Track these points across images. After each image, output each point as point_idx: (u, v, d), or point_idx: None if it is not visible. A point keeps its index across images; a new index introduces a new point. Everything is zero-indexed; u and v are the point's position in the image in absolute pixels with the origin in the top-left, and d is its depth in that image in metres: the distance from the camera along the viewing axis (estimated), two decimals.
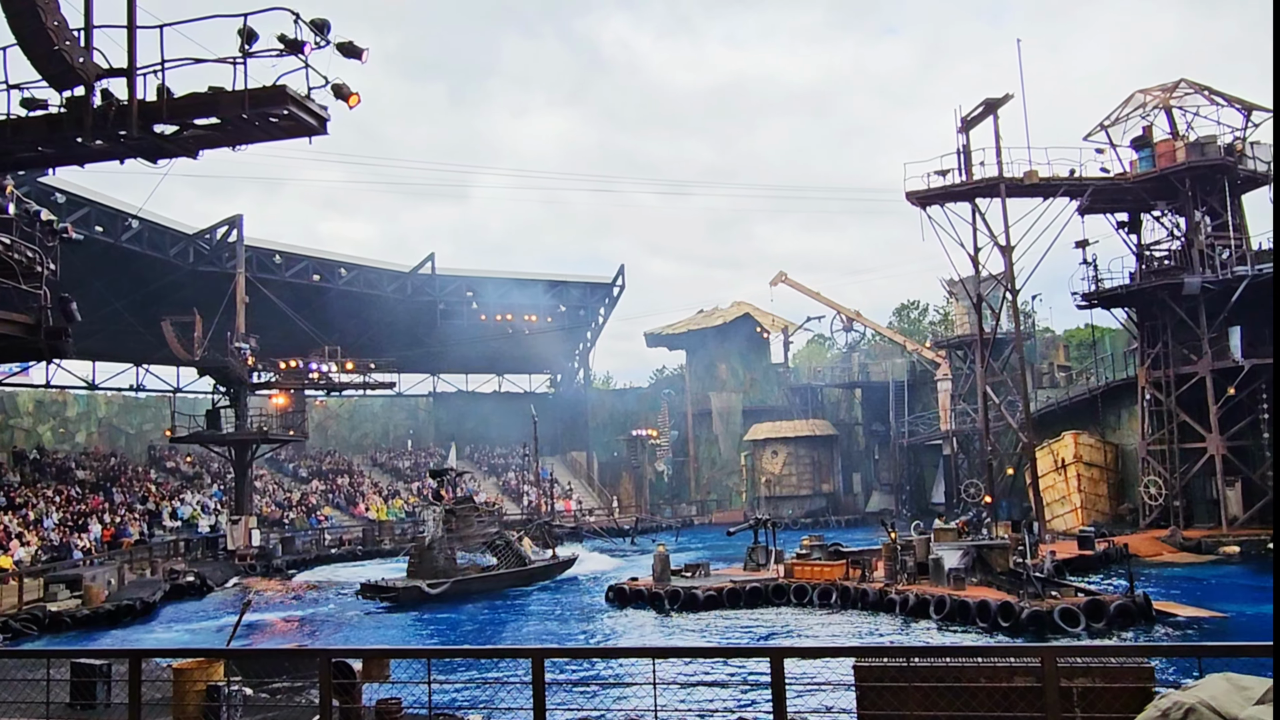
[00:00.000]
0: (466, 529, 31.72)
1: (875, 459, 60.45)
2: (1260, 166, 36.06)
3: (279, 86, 10.46)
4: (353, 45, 10.71)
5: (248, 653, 15.77)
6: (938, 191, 35.79)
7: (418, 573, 29.40)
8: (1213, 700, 1.08)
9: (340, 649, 11.31)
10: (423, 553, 29.89)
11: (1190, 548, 32.13)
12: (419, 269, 56.15)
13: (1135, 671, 7.69)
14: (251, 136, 11.30)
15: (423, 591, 28.21)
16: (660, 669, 9.10)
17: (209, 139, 11.46)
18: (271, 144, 11.60)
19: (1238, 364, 33.75)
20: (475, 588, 29.82)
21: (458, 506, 32.79)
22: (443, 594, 28.53)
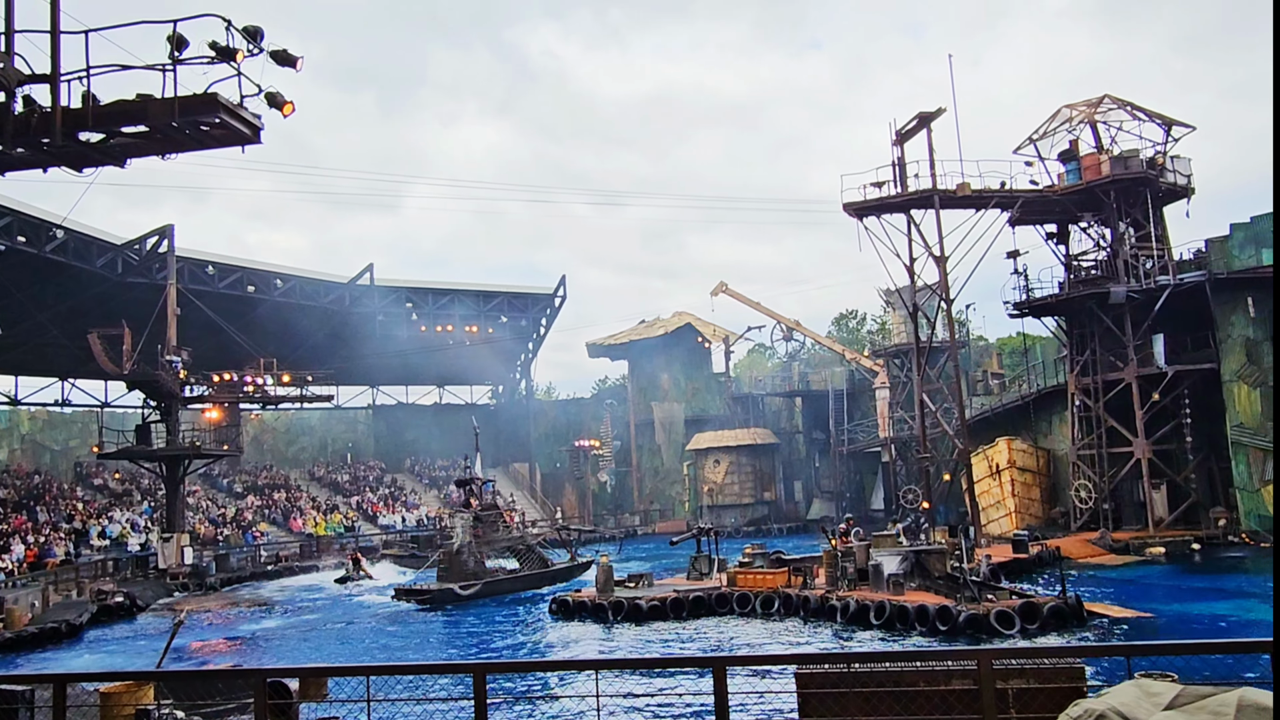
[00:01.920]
0: (493, 534, 34.09)
1: (816, 467, 61.09)
2: (1180, 180, 37.41)
3: (211, 94, 10.24)
4: (287, 53, 10.54)
5: (179, 674, 15.32)
6: (874, 203, 36.41)
7: (448, 576, 31.21)
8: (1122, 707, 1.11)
9: (276, 668, 11.04)
10: (452, 557, 31.81)
11: (1119, 549, 33.05)
12: (357, 280, 55.37)
13: (1067, 672, 7.88)
14: (182, 145, 11.04)
15: (455, 593, 30.18)
16: (603, 681, 9.09)
17: (137, 147, 11.16)
18: (197, 153, 11.33)
19: (1161, 370, 34.89)
20: (504, 588, 31.75)
21: (484, 513, 34.70)
22: (474, 594, 30.53)
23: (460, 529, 32.35)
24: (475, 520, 33.50)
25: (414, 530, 51.59)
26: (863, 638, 20.93)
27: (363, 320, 55.37)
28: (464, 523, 32.55)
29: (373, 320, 55.75)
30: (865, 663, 9.02)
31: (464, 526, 32.33)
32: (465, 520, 32.76)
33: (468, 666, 9.48)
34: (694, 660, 9.14)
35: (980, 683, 7.67)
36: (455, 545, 32.11)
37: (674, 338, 64.15)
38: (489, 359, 63.10)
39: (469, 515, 33.32)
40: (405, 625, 27.27)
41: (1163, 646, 7.06)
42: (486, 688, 8.47)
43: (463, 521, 32.61)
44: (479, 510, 34.70)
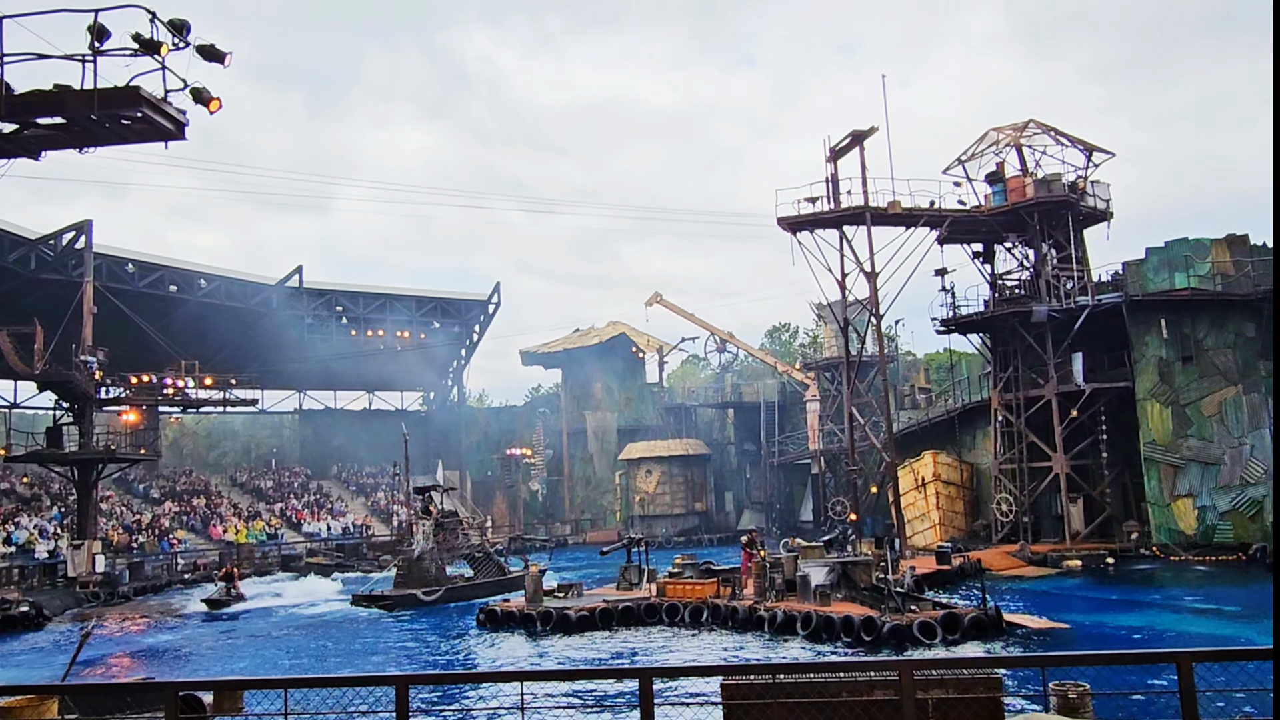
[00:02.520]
0: (453, 541, 34.55)
1: (747, 478, 61.60)
2: (1099, 204, 38.73)
3: (133, 87, 9.92)
4: (214, 48, 10.28)
5: (86, 687, 14.73)
6: (807, 218, 36.93)
7: (407, 582, 31.70)
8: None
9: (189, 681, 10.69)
10: (411, 564, 32.31)
11: (1037, 561, 33.94)
12: (285, 282, 54.23)
13: (985, 682, 8.04)
14: (101, 139, 10.67)
15: (418, 599, 30.82)
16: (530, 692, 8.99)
17: (53, 140, 10.76)
18: (117, 148, 10.98)
19: (1080, 388, 36.00)
20: (465, 595, 31.98)
21: (445, 520, 35.06)
22: (437, 600, 31.02)
23: (422, 536, 32.89)
24: (437, 527, 34.00)
25: (339, 539, 50.56)
26: (790, 648, 21.10)
27: (290, 323, 54.19)
28: (426, 529, 33.13)
29: (301, 323, 54.64)
30: (789, 673, 9.08)
31: (425, 533, 32.93)
32: (427, 527, 33.29)
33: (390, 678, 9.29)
34: (620, 671, 9.11)
35: (902, 693, 7.78)
36: (416, 552, 32.67)
37: (608, 347, 64.16)
38: (420, 365, 62.32)
39: (431, 522, 33.77)
40: (328, 636, 26.67)
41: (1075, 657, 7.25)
42: (409, 700, 8.31)
43: (424, 528, 33.09)
44: (440, 517, 35.10)
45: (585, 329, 67.76)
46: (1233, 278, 34.41)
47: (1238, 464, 32.94)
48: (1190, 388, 34.01)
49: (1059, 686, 8.08)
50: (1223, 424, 33.39)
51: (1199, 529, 33.35)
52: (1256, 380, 33.10)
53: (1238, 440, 33.07)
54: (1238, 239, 35.10)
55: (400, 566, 33.08)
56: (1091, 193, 38.59)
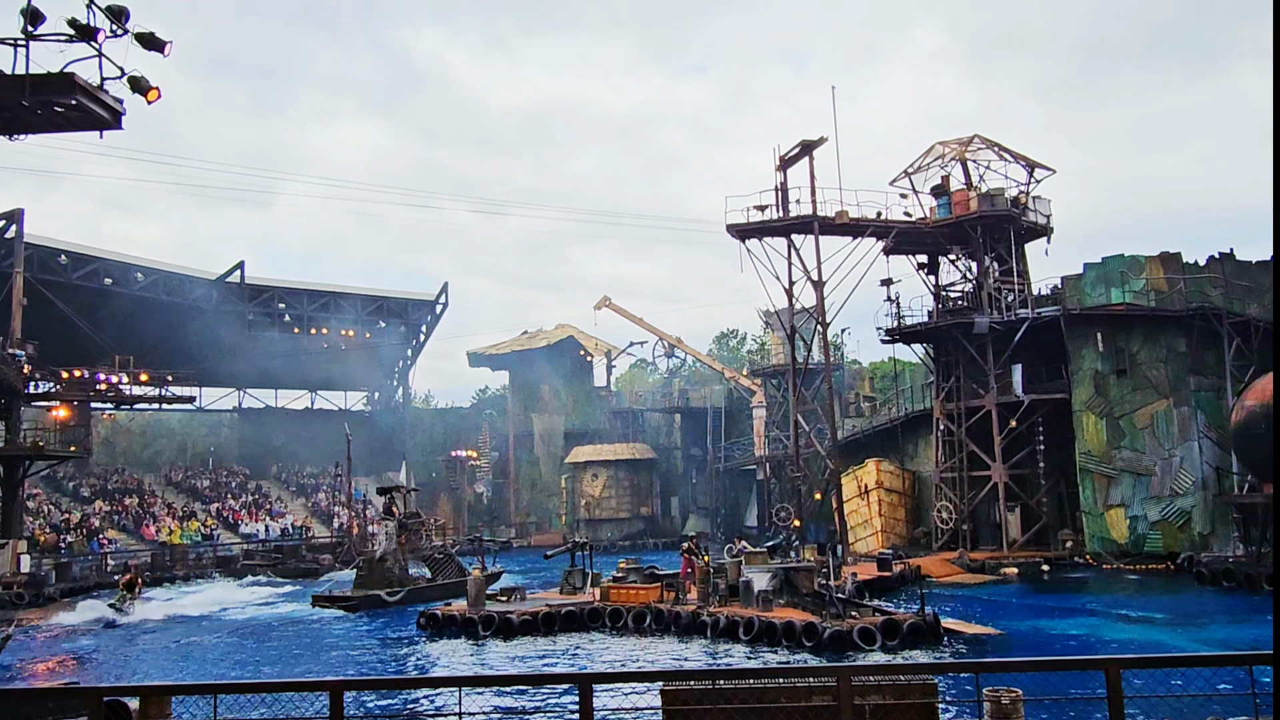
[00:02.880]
0: (416, 542, 34.62)
1: (693, 483, 61.80)
2: (1040, 219, 39.63)
3: (67, 74, 9.63)
4: (154, 36, 10.02)
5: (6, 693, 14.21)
6: (756, 226, 37.23)
7: (367, 583, 31.55)
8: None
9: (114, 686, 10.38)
10: (373, 564, 32.12)
11: (975, 569, 34.54)
12: (226, 277, 53.10)
13: (921, 688, 8.14)
14: (33, 126, 10.34)
15: (382, 599, 30.74)
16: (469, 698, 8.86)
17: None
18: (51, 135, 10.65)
19: (1019, 399, 36.74)
20: (427, 595, 31.42)
21: (408, 521, 34.98)
22: (400, 601, 30.80)
23: (385, 537, 32.97)
24: (401, 528, 33.93)
25: (278, 540, 49.60)
26: (732, 653, 21.18)
27: (231, 320, 53.06)
28: (389, 530, 33.20)
29: (242, 320, 53.52)
30: (729, 679, 9.11)
31: (389, 534, 33.03)
32: (390, 528, 33.32)
33: (324, 684, 9.10)
34: (560, 677, 9.04)
35: (840, 698, 7.84)
36: (379, 553, 32.70)
37: (556, 350, 63.94)
38: (365, 365, 61.46)
39: (394, 523, 33.75)
40: (263, 640, 26.12)
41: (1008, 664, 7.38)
42: (344, 706, 8.15)
43: (388, 529, 33.16)
44: (404, 518, 35.05)
45: (533, 331, 67.47)
46: (1165, 294, 35.42)
47: (1168, 475, 33.89)
48: (1124, 400, 34.91)
49: (993, 692, 8.21)
50: (1154, 436, 34.33)
51: (1130, 538, 34.23)
52: (1186, 394, 34.09)
53: (1168, 452, 34.02)
54: (1171, 257, 36.15)
55: (361, 567, 32.93)
56: (1033, 208, 39.47)
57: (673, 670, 14.51)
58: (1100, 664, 7.25)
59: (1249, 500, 31.01)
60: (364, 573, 32.44)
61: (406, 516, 35.76)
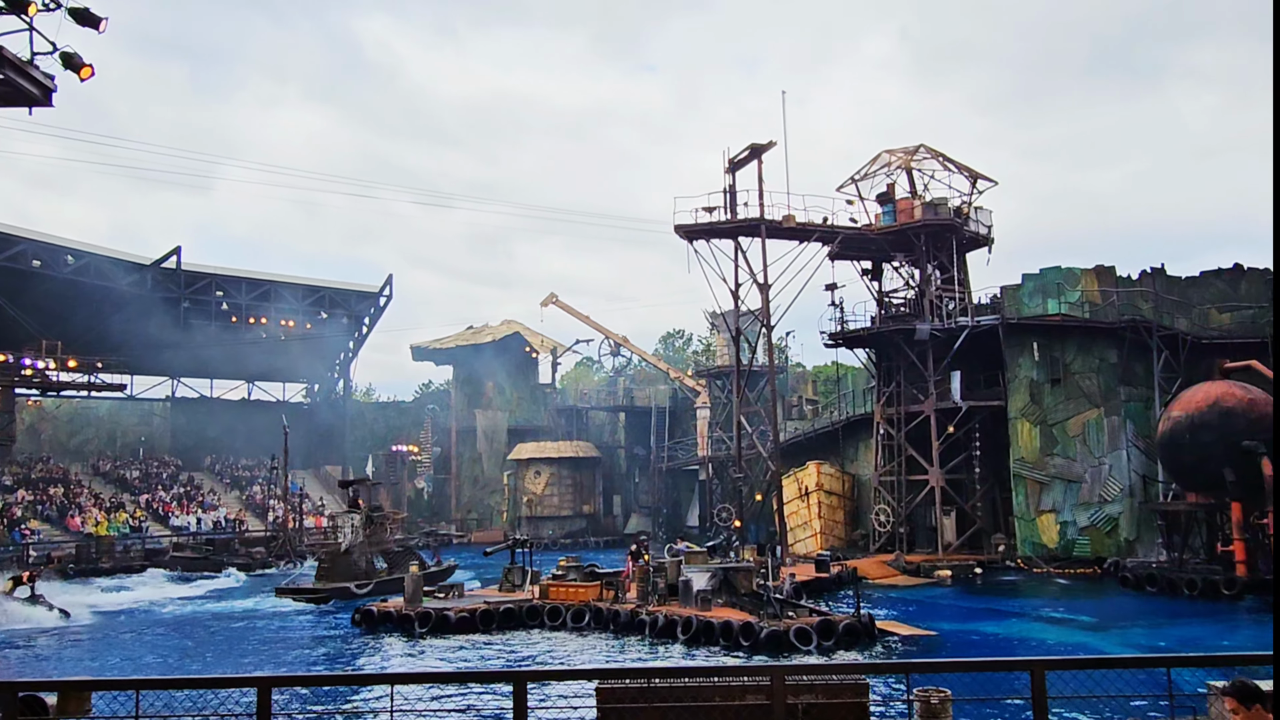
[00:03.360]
0: (380, 535, 34.64)
1: (636, 482, 61.86)
2: (981, 230, 40.43)
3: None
4: (89, 12, 9.72)
5: None
6: (704, 227, 37.38)
7: (331, 575, 31.40)
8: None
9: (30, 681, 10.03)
10: (336, 557, 31.99)
11: (911, 571, 35.12)
12: (162, 262, 51.74)
13: (853, 688, 8.23)
14: None
15: (351, 591, 30.61)
16: (401, 695, 8.75)
17: None
18: None
19: (957, 405, 37.44)
20: (392, 588, 30.96)
21: (374, 514, 35.05)
22: (368, 593, 30.50)
23: (350, 530, 33.04)
24: (368, 521, 34.08)
25: (210, 533, 48.49)
26: (670, 652, 21.24)
27: (166, 307, 51.74)
28: (355, 523, 33.31)
29: (177, 308, 52.21)
30: (665, 678, 9.11)
31: (354, 527, 33.15)
32: (356, 521, 33.44)
33: (252, 680, 8.91)
34: (494, 674, 8.96)
35: (773, 697, 7.90)
36: (344, 545, 32.77)
37: (502, 346, 63.54)
38: (305, 356, 60.39)
39: (360, 516, 33.84)
40: (190, 635, 25.52)
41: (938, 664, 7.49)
42: (272, 702, 7.97)
43: (353, 522, 33.27)
44: (370, 512, 35.24)
45: (479, 326, 66.93)
46: (1099, 306, 36.38)
47: (1097, 482, 34.81)
48: (1057, 408, 35.78)
49: (923, 692, 8.34)
50: (1085, 444, 35.24)
51: (1060, 543, 35.09)
52: (1117, 404, 35.05)
53: (1098, 460, 34.95)
54: (1105, 270, 37.15)
55: (323, 560, 32.87)
56: (975, 218, 40.25)
57: (608, 668, 14.48)
58: (1026, 665, 7.40)
59: (1173, 508, 32.01)
60: (327, 565, 32.32)
61: (372, 510, 35.84)
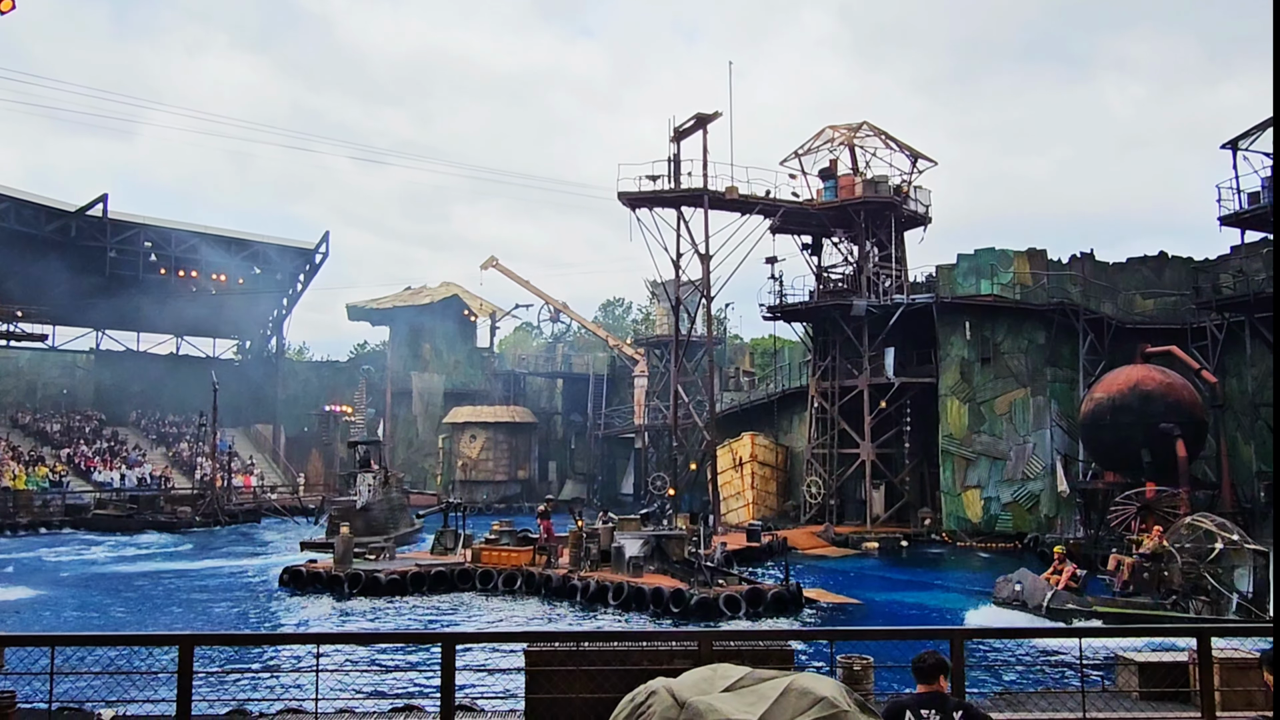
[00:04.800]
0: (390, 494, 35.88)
1: (572, 448, 61.93)
2: (920, 209, 41.01)
3: None
4: None
5: None
6: (647, 195, 37.30)
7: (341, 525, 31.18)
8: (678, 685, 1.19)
9: None
10: (353, 513, 32.46)
11: (840, 542, 35.85)
12: (87, 210, 49.82)
13: (779, 654, 8.39)
14: None
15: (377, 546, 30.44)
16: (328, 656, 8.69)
17: None
18: None
19: (890, 381, 38.13)
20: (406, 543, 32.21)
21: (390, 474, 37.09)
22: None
23: (367, 488, 33.99)
24: (385, 481, 35.42)
25: (134, 490, 47.32)
26: (601, 617, 21.41)
27: (91, 256, 49.93)
28: (372, 482, 34.32)
29: (102, 257, 50.40)
30: (594, 642, 9.18)
31: (370, 485, 34.15)
32: (373, 480, 34.46)
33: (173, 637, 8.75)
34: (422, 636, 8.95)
35: (700, 662, 8.02)
36: (361, 503, 33.67)
37: (440, 308, 62.82)
38: (237, 312, 58.92)
39: (379, 475, 34.91)
40: (113, 593, 24.95)
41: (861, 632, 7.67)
42: (193, 660, 7.85)
43: (370, 481, 34.23)
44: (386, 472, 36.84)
45: (417, 287, 66.02)
46: (1030, 288, 37.26)
47: (1021, 460, 35.85)
48: (986, 387, 36.68)
49: (846, 659, 8.54)
50: (1011, 423, 36.22)
51: (984, 518, 36.12)
52: (1043, 384, 36.04)
53: (1022, 438, 35.97)
54: (1037, 253, 38.02)
55: (337, 516, 33.23)
56: (914, 197, 40.80)
57: (537, 631, 14.56)
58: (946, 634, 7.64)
59: (1090, 486, 33.13)
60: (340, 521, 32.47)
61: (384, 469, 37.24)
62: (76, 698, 9.06)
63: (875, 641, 10.09)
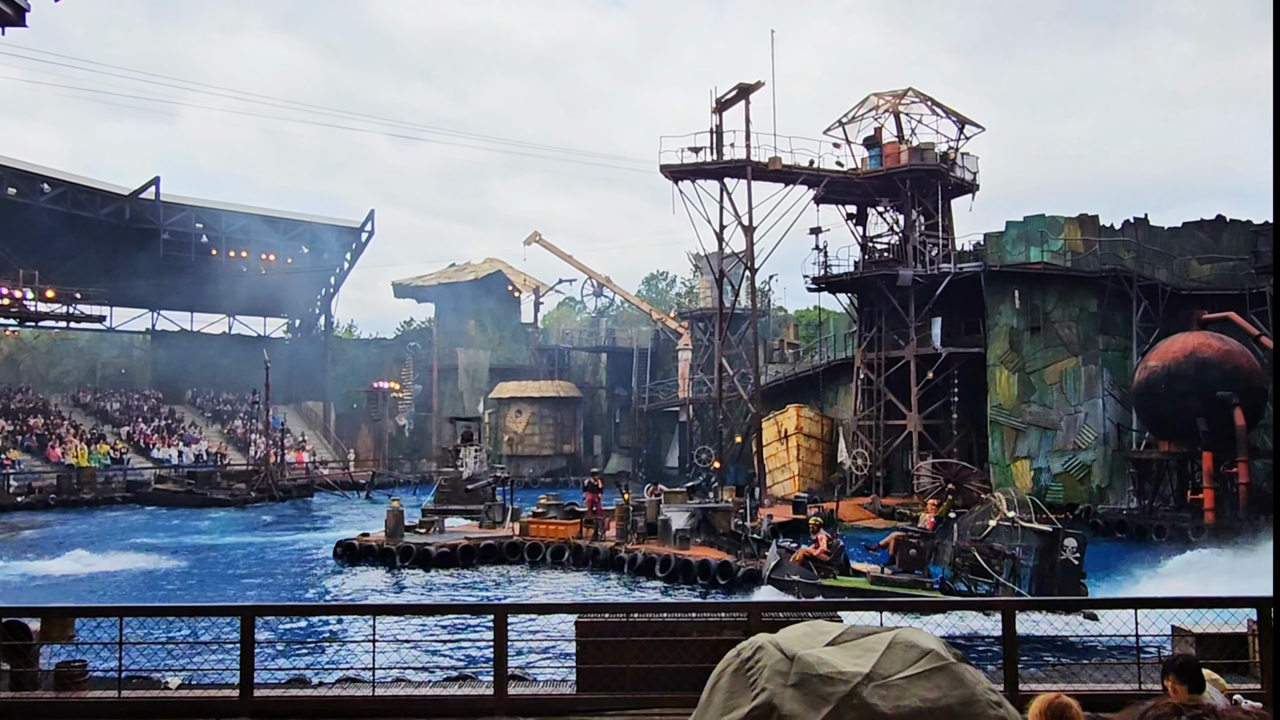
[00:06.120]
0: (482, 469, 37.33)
1: (616, 422, 62.18)
2: (967, 176, 40.28)
3: None
4: None
5: None
6: (690, 168, 37.08)
7: (450, 500, 32.93)
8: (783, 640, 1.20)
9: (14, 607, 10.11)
10: (458, 483, 33.98)
11: (886, 514, 35.64)
12: (141, 193, 50.82)
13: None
14: None
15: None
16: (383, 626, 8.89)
17: None
18: None
19: (937, 351, 37.69)
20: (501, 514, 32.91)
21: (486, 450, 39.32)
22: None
23: (473, 460, 35.75)
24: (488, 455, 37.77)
25: (192, 466, 48.54)
26: (648, 589, 21.59)
27: (145, 238, 50.99)
28: (477, 454, 36.28)
29: (156, 239, 51.42)
30: (643, 613, 9.28)
31: (477, 458, 36.08)
32: (479, 453, 36.54)
33: (235, 608, 9.01)
34: (475, 607, 9.12)
35: (748, 633, 8.07)
36: (467, 474, 35.10)
37: (484, 284, 63.20)
38: (286, 290, 59.85)
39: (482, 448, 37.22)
40: (178, 566, 25.68)
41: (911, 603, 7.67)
42: (254, 630, 8.09)
43: (475, 453, 36.20)
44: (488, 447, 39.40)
45: (461, 264, 66.46)
46: (1081, 255, 36.49)
47: (1072, 430, 35.30)
48: (1036, 356, 36.09)
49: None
50: (1061, 392, 35.63)
51: (1034, 489, 35.57)
52: (1095, 353, 35.38)
53: (1074, 408, 35.38)
54: (1089, 219, 37.19)
55: (444, 486, 34.70)
56: (961, 164, 40.07)
57: (588, 603, 14.73)
58: (997, 605, 7.60)
59: (1145, 456, 32.56)
60: (448, 491, 33.88)
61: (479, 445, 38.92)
62: (144, 666, 9.37)
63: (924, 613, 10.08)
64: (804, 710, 1.08)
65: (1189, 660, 5.26)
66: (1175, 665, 5.15)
